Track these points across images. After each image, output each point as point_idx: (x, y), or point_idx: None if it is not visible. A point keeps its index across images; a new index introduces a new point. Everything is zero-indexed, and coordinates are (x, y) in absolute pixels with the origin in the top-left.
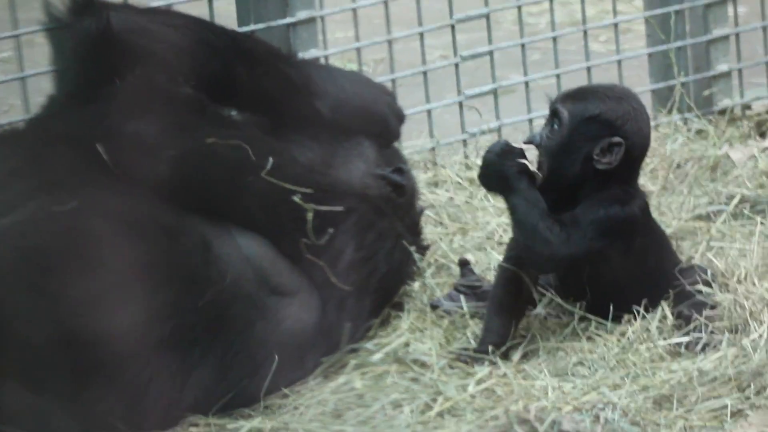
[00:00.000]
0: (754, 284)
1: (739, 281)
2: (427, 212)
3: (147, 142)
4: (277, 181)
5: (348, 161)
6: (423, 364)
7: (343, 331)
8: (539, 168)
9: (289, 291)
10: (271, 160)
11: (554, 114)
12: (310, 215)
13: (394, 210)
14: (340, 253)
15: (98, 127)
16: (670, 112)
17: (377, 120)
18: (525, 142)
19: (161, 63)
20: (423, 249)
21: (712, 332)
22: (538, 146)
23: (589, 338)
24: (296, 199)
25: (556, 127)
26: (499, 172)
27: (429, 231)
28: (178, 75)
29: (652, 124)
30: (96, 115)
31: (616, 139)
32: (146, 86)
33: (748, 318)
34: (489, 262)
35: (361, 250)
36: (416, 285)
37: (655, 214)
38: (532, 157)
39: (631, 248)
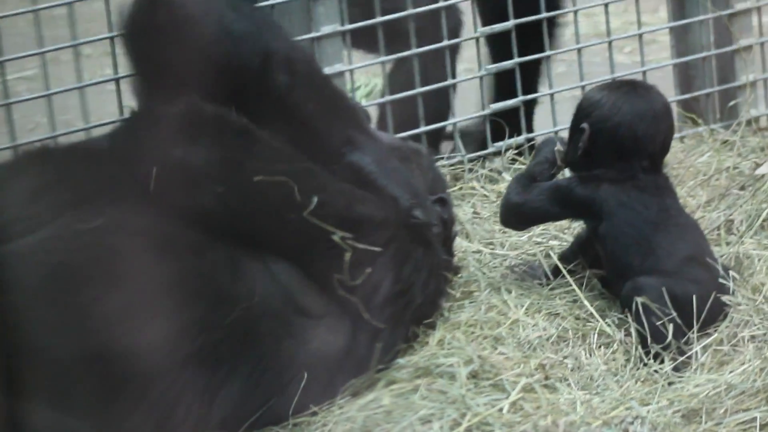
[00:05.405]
0: None
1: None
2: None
3: (193, 173)
4: (318, 222)
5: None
6: (452, 377)
7: (374, 356)
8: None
9: (317, 313)
10: (315, 199)
11: None
12: (348, 255)
13: (432, 239)
14: (377, 288)
15: (141, 148)
16: (696, 123)
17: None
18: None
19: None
20: (455, 270)
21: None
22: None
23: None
24: (336, 238)
25: None
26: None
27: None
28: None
29: (677, 135)
30: (140, 136)
31: (582, 125)
32: (197, 111)
33: None
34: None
35: (398, 284)
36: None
37: None
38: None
39: (596, 230)
